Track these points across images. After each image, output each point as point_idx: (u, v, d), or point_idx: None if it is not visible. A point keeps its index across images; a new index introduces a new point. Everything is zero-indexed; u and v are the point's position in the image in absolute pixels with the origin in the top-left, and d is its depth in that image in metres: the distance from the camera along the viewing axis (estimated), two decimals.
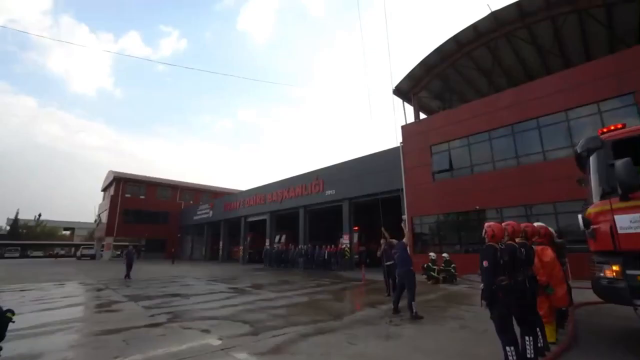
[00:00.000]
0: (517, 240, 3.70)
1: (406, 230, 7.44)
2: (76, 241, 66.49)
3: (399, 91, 18.89)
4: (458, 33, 16.07)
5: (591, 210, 4.25)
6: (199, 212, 37.54)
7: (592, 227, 4.12)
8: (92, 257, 41.03)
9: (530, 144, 13.05)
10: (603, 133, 4.57)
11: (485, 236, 3.42)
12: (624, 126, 4.45)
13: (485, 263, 3.12)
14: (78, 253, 43.09)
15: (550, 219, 11.63)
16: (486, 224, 3.52)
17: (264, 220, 26.94)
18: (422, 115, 20.26)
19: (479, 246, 13.92)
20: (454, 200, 14.70)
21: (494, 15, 14.84)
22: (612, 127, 4.50)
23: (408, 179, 16.77)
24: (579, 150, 4.78)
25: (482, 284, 3.20)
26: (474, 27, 15.69)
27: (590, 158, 4.60)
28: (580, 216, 4.44)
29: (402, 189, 16.95)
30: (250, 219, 29.00)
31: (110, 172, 42.39)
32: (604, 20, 14.03)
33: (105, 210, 40.07)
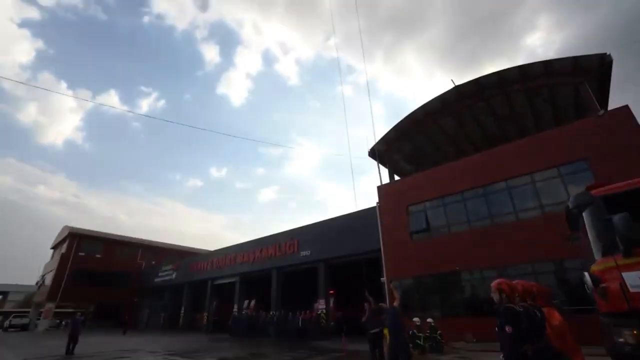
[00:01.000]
0: (528, 301, 3.43)
1: (396, 293, 6.92)
2: (8, 308, 57.50)
3: (374, 153, 19.66)
4: (426, 103, 17.54)
5: (595, 268, 4.14)
6: (160, 274, 34.38)
7: (601, 285, 3.96)
8: (24, 327, 34.17)
9: (502, 205, 13.57)
10: (591, 189, 4.73)
11: (500, 296, 3.12)
12: (607, 183, 4.64)
13: (508, 329, 2.76)
14: (6, 323, 35.41)
15: (529, 280, 11.57)
16: (496, 282, 3.25)
17: (233, 284, 24.98)
18: (397, 177, 20.97)
19: (459, 310, 13.44)
20: (432, 260, 14.48)
21: (457, 89, 16.50)
22: (596, 184, 4.69)
23: (386, 239, 16.56)
24: (570, 207, 4.87)
25: (503, 355, 2.81)
26: (440, 99, 17.24)
27: (583, 214, 4.66)
28: (586, 274, 4.29)
29: (380, 250, 16.62)
30: (217, 282, 26.81)
31: (65, 227, 38.76)
32: (548, 97, 15.98)
33: (52, 270, 35.45)
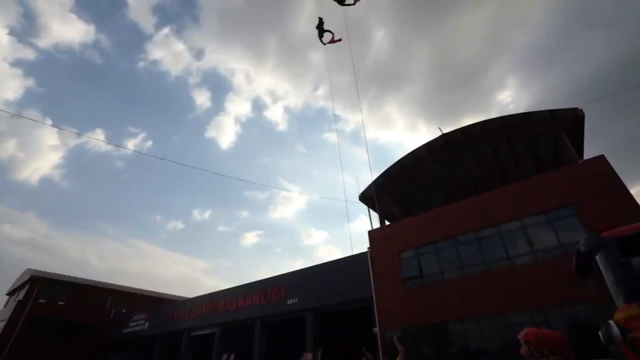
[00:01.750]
0: (560, 355, 3.18)
1: (400, 347, 6.36)
2: None
3: (365, 197, 19.74)
4: (415, 149, 18.17)
5: (619, 315, 3.96)
6: (131, 324, 31.37)
7: (630, 335, 3.76)
8: None
9: (495, 251, 13.53)
10: (601, 231, 4.71)
11: (528, 348, 2.87)
12: (616, 224, 4.65)
13: None
14: None
15: None
16: (523, 332, 3.01)
17: (212, 335, 23.01)
18: (387, 222, 20.89)
19: None
20: (427, 309, 13.92)
21: (444, 137, 17.26)
22: (606, 225, 4.68)
23: (378, 286, 15.97)
24: (582, 249, 4.79)
25: None
26: (428, 146, 17.92)
27: (597, 257, 4.59)
28: (612, 322, 4.09)
29: (372, 298, 15.94)
30: (195, 333, 24.65)
31: (28, 270, 35.22)
32: (529, 146, 16.87)
33: (3, 320, 31.49)
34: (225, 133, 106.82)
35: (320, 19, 13.48)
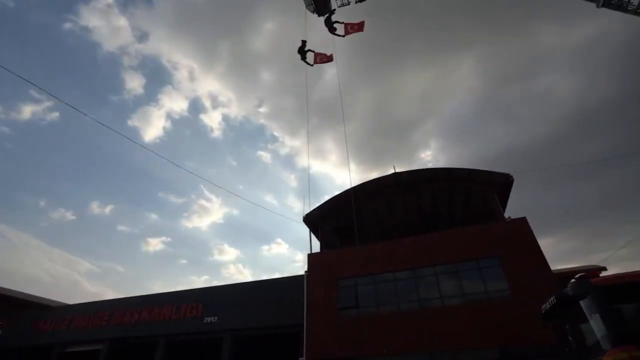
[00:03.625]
0: None
1: None
2: None
3: (308, 220, 19.33)
4: (364, 183, 18.79)
5: (608, 358, 4.23)
6: None
7: None
8: None
9: (429, 290, 14.25)
10: (585, 277, 5.14)
11: None
12: (599, 273, 5.16)
13: None
14: None
15: None
16: None
17: (95, 353, 18.91)
18: (319, 249, 20.66)
19: None
20: (360, 341, 13.69)
21: (395, 176, 18.22)
22: (592, 273, 5.17)
23: (310, 313, 15.30)
24: (570, 294, 5.14)
25: None
26: (378, 181, 18.70)
27: (582, 302, 4.95)
28: None
29: (302, 324, 15.13)
30: (71, 349, 19.97)
31: None
32: (464, 198, 18.83)
33: None
34: (152, 126, 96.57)
35: (304, 42, 13.40)
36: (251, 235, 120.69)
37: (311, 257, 17.27)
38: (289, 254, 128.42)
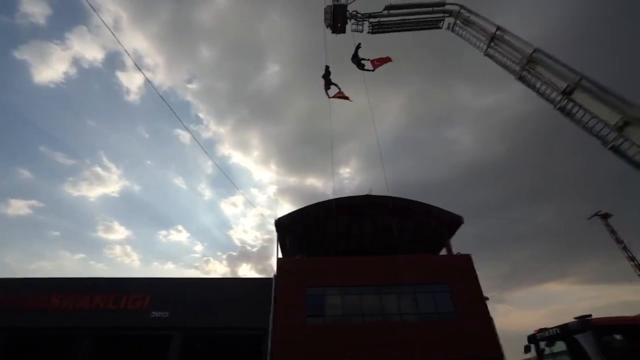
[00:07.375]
0: None
1: None
2: None
3: (279, 225, 19.44)
4: (339, 198, 19.93)
5: None
6: None
7: None
8: None
9: (391, 306, 15.99)
10: (584, 317, 7.12)
11: None
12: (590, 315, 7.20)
13: None
14: None
15: None
16: None
17: None
18: (281, 255, 20.92)
19: None
20: (326, 348, 14.49)
21: (368, 197, 19.87)
22: (586, 315, 7.18)
23: (277, 317, 15.47)
24: (572, 328, 7.04)
25: None
26: (351, 198, 20.09)
27: (579, 337, 6.90)
28: None
29: (265, 328, 15.20)
30: None
31: None
32: (424, 228, 21.46)
33: None
34: (49, 66, 79.95)
35: (327, 68, 12.48)
36: (149, 216, 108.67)
37: (281, 262, 17.45)
38: (187, 244, 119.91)
